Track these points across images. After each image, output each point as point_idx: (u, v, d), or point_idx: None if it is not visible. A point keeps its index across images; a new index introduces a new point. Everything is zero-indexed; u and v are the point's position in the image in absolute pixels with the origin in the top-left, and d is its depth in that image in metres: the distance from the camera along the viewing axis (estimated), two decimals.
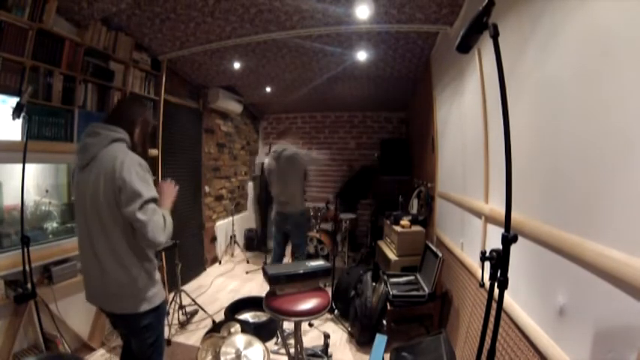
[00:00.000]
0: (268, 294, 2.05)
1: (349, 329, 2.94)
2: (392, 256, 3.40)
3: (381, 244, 3.94)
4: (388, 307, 2.63)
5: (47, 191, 2.62)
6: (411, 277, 2.93)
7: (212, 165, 4.83)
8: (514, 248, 0.93)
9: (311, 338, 2.85)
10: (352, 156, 5.87)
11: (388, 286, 2.73)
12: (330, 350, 2.59)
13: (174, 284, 3.70)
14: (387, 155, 5.02)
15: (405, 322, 2.81)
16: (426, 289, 2.65)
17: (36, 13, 2.13)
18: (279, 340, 2.69)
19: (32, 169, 2.47)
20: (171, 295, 3.19)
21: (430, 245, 2.87)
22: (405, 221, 3.43)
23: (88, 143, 1.40)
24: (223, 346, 2.12)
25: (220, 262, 4.90)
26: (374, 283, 2.96)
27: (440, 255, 2.57)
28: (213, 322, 3.04)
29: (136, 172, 1.34)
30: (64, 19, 2.42)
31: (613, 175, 0.93)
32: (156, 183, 1.44)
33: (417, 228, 3.41)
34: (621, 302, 0.88)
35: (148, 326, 1.46)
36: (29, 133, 1.96)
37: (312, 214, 5.02)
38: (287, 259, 3.77)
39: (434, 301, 2.60)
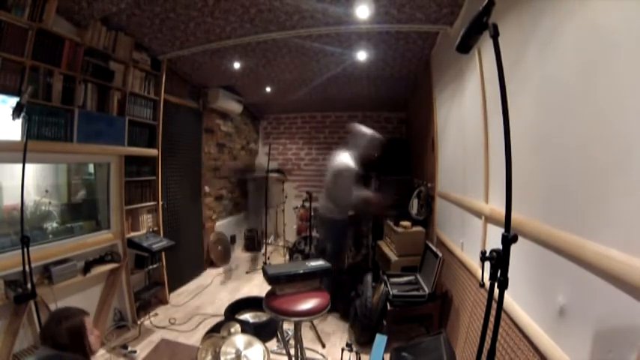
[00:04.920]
0: (268, 294, 2.05)
1: (349, 329, 2.94)
2: (392, 256, 3.40)
3: (382, 244, 3.94)
4: (388, 308, 2.63)
5: (47, 191, 2.62)
6: (411, 277, 2.93)
7: (212, 165, 4.83)
8: (514, 248, 0.92)
9: (311, 338, 2.85)
10: None
11: (388, 286, 2.73)
12: (329, 350, 2.59)
13: (174, 284, 3.71)
14: (387, 155, 5.01)
15: (405, 322, 2.81)
16: (426, 289, 2.65)
17: (36, 13, 2.13)
18: (280, 340, 2.69)
19: (32, 169, 2.47)
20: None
21: (430, 245, 2.87)
22: (405, 222, 3.42)
23: None
24: (223, 345, 2.11)
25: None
26: (374, 283, 2.96)
27: (440, 255, 2.57)
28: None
29: None
30: (64, 19, 2.42)
31: (613, 175, 0.93)
32: (156, 183, 1.43)
33: (417, 228, 3.40)
34: (621, 302, 0.88)
35: None
36: (29, 133, 1.96)
37: (312, 214, 5.00)
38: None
39: (434, 301, 2.59)
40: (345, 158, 3.13)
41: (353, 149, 3.17)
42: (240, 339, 2.20)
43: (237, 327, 2.45)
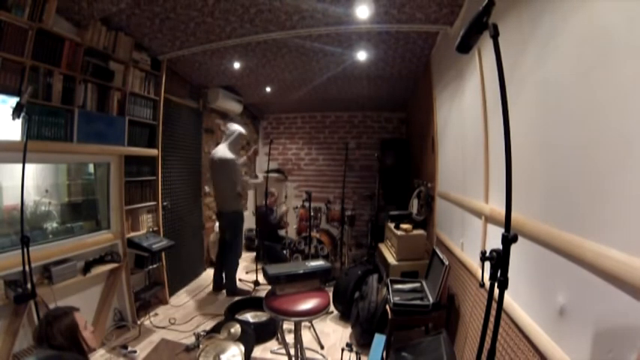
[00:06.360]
0: (268, 294, 2.05)
1: (350, 330, 2.94)
2: (391, 260, 3.27)
3: (382, 246, 3.82)
4: (389, 317, 2.47)
5: (47, 191, 2.62)
6: (417, 285, 2.70)
7: None
8: (514, 248, 0.92)
9: (311, 338, 2.85)
10: (352, 156, 5.87)
11: (390, 293, 2.58)
12: (329, 350, 2.59)
13: (174, 284, 3.71)
14: (387, 155, 5.02)
15: (407, 329, 2.71)
16: (430, 298, 2.45)
17: (36, 12, 2.13)
18: (280, 340, 2.69)
19: (32, 169, 2.47)
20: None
21: (437, 251, 2.62)
22: (406, 224, 3.31)
23: None
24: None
25: None
26: (379, 285, 2.89)
27: (446, 263, 2.36)
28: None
29: None
30: (63, 19, 2.42)
31: (613, 175, 0.93)
32: (156, 183, 1.42)
33: (418, 231, 3.28)
34: (621, 302, 0.88)
35: None
36: (29, 133, 1.96)
37: (312, 214, 4.99)
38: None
39: (439, 311, 2.39)
40: (222, 151, 3.72)
41: (227, 142, 3.79)
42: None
43: (237, 327, 2.45)
